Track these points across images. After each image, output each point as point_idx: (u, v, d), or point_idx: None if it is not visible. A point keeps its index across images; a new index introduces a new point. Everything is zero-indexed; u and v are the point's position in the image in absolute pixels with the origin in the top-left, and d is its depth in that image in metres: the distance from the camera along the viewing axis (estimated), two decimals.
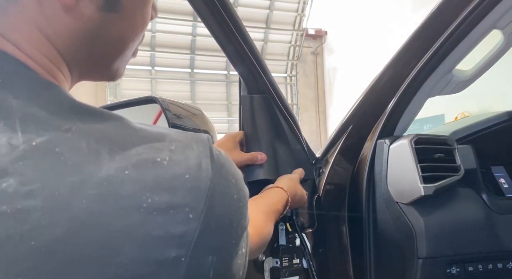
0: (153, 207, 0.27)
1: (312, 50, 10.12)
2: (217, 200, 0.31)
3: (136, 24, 0.41)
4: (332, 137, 0.99)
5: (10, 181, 0.25)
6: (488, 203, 0.83)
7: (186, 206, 0.29)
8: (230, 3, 0.72)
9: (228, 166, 0.34)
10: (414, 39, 0.85)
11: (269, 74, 0.84)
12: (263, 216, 0.67)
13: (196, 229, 0.29)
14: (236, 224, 0.33)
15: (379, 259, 0.86)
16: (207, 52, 8.54)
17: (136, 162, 0.29)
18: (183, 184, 0.29)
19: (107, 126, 0.31)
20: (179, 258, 0.28)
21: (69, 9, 0.34)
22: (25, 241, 0.24)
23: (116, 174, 0.27)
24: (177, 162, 0.30)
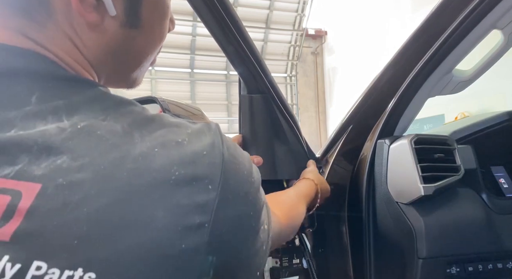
0: (180, 179, 0.31)
1: (312, 50, 10.12)
2: (230, 174, 0.34)
3: (155, 38, 0.45)
4: (332, 138, 0.99)
5: (63, 158, 0.29)
6: (488, 203, 0.83)
7: (206, 178, 0.33)
8: (229, 3, 0.72)
9: (234, 147, 0.38)
10: (414, 39, 0.85)
11: (269, 74, 0.84)
12: (291, 199, 0.72)
13: (215, 198, 0.32)
14: (252, 198, 0.37)
15: (379, 259, 0.86)
16: (207, 52, 8.54)
17: (162, 141, 0.33)
18: (202, 159, 0.33)
19: (134, 113, 0.36)
20: (203, 224, 0.31)
21: (94, 26, 0.38)
22: (79, 208, 0.28)
23: (148, 151, 0.32)
24: (195, 141, 0.35)
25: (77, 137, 0.31)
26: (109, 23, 0.39)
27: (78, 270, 0.27)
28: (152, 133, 0.34)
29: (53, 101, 0.33)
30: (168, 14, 0.46)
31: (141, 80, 0.49)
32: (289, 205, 0.69)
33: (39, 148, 0.29)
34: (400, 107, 0.90)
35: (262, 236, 0.39)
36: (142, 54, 0.45)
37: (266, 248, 0.41)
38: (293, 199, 0.72)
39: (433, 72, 0.85)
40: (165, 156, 0.32)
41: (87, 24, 0.38)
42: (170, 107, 0.81)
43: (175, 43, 8.58)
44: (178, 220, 0.30)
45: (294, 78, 9.91)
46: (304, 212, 0.71)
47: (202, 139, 0.35)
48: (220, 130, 0.38)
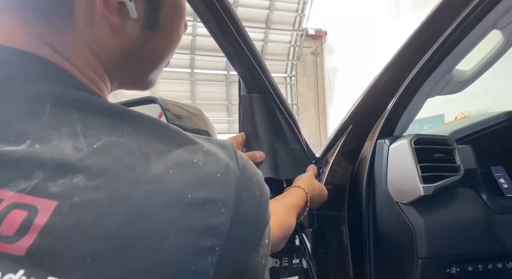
0: (193, 202, 0.31)
1: (312, 50, 10.12)
2: (243, 197, 0.35)
3: (172, 40, 0.45)
4: (332, 138, 0.99)
5: (80, 177, 0.29)
6: (487, 203, 0.83)
7: (219, 201, 0.33)
8: (229, 3, 0.72)
9: (250, 166, 0.38)
10: (414, 39, 0.85)
11: (269, 74, 0.84)
12: (283, 210, 0.73)
13: (227, 222, 0.32)
14: (259, 219, 0.37)
15: (379, 259, 0.86)
16: (207, 52, 8.54)
17: (177, 162, 0.33)
18: (216, 182, 0.33)
19: (149, 128, 0.36)
20: (214, 247, 0.31)
21: (115, 28, 0.39)
22: (93, 227, 0.28)
23: (163, 173, 0.32)
24: (210, 162, 0.35)
25: (94, 157, 0.31)
26: (130, 26, 0.39)
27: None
28: (168, 153, 0.34)
29: (67, 113, 0.33)
30: (184, 17, 0.46)
31: (155, 82, 0.49)
32: (280, 216, 0.70)
33: (55, 164, 0.30)
34: (400, 107, 0.90)
35: (262, 251, 0.39)
36: (160, 56, 0.45)
37: (265, 262, 0.41)
38: (285, 210, 0.73)
39: (433, 72, 0.85)
40: (179, 177, 0.32)
41: (109, 27, 0.38)
42: (170, 107, 0.81)
43: None
44: (190, 243, 0.30)
45: (294, 78, 9.91)
46: (294, 223, 0.73)
47: (218, 160, 0.35)
48: (235, 150, 0.38)
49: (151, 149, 0.34)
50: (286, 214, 0.73)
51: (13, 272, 0.26)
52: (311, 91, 10.04)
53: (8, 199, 0.28)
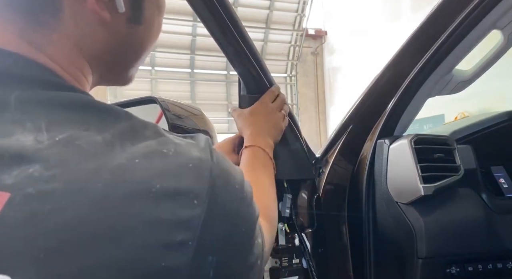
0: (161, 193, 0.29)
1: (312, 50, 10.11)
2: (219, 190, 0.33)
3: (154, 32, 0.46)
4: (332, 137, 0.99)
5: (35, 167, 0.28)
6: (488, 203, 0.83)
7: (191, 193, 0.31)
8: (229, 3, 0.72)
9: (226, 161, 0.37)
10: (414, 39, 0.85)
11: (269, 74, 0.84)
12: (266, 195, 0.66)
13: (201, 214, 0.31)
14: (243, 214, 0.35)
15: (379, 259, 0.86)
16: (207, 52, 8.53)
17: (145, 152, 0.31)
18: (187, 172, 0.32)
19: (120, 124, 0.34)
20: (186, 241, 0.30)
21: (103, 23, 0.38)
22: (48, 219, 0.26)
23: (128, 163, 0.30)
24: (181, 153, 0.33)
25: (53, 148, 0.29)
26: (117, 20, 0.39)
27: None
28: (136, 144, 0.32)
29: (34, 109, 0.32)
30: (164, 9, 0.47)
31: (134, 77, 0.49)
32: (266, 203, 0.63)
33: (11, 156, 0.28)
34: (400, 107, 0.90)
35: (256, 251, 0.38)
36: (141, 50, 0.45)
37: (261, 262, 0.40)
38: (268, 194, 0.66)
39: (433, 72, 0.85)
40: (146, 167, 0.30)
41: (98, 22, 0.38)
42: (170, 107, 0.81)
43: (175, 43, 8.58)
44: (158, 237, 0.28)
45: (294, 78, 9.91)
46: (276, 208, 0.66)
47: (189, 151, 0.34)
48: (210, 144, 0.37)
49: (117, 139, 0.32)
50: (271, 198, 0.66)
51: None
52: (311, 91, 10.03)
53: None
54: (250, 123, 0.76)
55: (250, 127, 0.75)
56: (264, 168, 0.70)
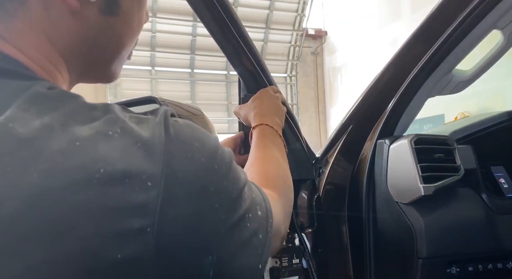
0: (107, 177, 0.27)
1: (312, 50, 10.11)
2: (178, 165, 0.30)
3: (133, 26, 0.43)
4: (332, 137, 0.99)
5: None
6: (488, 203, 0.83)
7: (143, 174, 0.28)
8: (229, 3, 0.72)
9: (189, 132, 0.33)
10: (414, 39, 0.85)
11: (269, 74, 0.84)
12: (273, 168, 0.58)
13: (158, 196, 0.28)
14: (215, 188, 0.32)
15: (379, 259, 0.86)
16: (207, 52, 8.53)
17: (88, 134, 0.28)
18: (136, 152, 0.28)
19: (64, 107, 0.30)
20: (144, 228, 0.27)
21: (73, 12, 0.36)
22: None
23: (68, 146, 0.27)
24: (129, 132, 0.30)
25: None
26: (88, 10, 0.37)
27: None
28: (79, 126, 0.29)
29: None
30: (145, 3, 0.45)
31: (119, 73, 0.46)
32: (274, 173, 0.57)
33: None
34: (400, 107, 0.90)
35: (251, 225, 0.35)
36: (121, 44, 0.43)
37: (264, 236, 0.36)
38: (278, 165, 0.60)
39: (433, 72, 0.85)
40: (88, 150, 0.27)
41: (65, 11, 0.36)
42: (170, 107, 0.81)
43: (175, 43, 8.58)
44: (109, 226, 0.26)
45: (294, 78, 9.90)
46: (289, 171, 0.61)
47: (141, 127, 0.30)
48: (167, 115, 0.33)
49: (56, 121, 0.28)
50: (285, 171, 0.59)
51: None
52: (311, 91, 10.03)
53: None
54: (254, 107, 0.73)
55: (254, 110, 0.72)
56: (273, 143, 0.65)
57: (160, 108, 0.34)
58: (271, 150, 0.62)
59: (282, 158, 0.62)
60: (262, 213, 0.38)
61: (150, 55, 8.53)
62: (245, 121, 0.76)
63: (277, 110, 0.74)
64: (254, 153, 0.62)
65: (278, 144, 0.66)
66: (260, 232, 0.36)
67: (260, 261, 0.36)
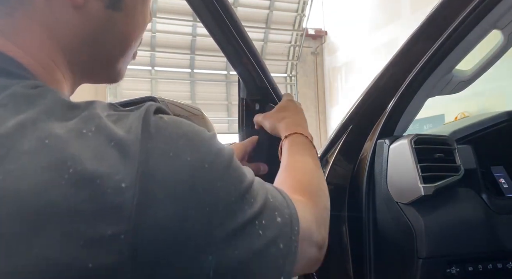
0: (76, 178, 0.25)
1: (312, 50, 10.11)
2: (157, 164, 0.27)
3: (138, 22, 0.42)
4: (332, 137, 0.99)
5: None
6: (488, 203, 0.83)
7: (116, 174, 0.25)
8: (228, 3, 0.72)
9: (173, 128, 0.30)
10: (414, 39, 0.85)
11: (269, 74, 0.84)
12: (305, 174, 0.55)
13: (133, 198, 0.25)
14: (204, 190, 0.28)
15: (379, 259, 0.86)
16: (207, 52, 8.53)
17: (60, 132, 0.26)
18: (108, 151, 0.26)
19: (43, 103, 0.29)
20: (118, 235, 0.24)
21: (76, 7, 0.35)
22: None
23: (36, 145, 0.25)
24: (103, 130, 0.28)
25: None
26: (91, 4, 0.37)
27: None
28: (53, 123, 0.27)
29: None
30: (150, 1, 0.44)
31: (124, 74, 0.45)
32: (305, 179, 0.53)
33: None
34: (400, 107, 0.90)
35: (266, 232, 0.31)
36: (126, 40, 0.42)
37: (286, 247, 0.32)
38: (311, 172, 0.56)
39: (433, 72, 0.85)
40: (57, 149, 0.25)
41: (69, 5, 0.35)
42: (170, 107, 0.81)
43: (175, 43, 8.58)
44: (78, 232, 0.24)
45: (294, 78, 9.91)
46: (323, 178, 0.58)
47: (117, 126, 0.28)
48: (148, 111, 0.30)
49: (29, 119, 0.27)
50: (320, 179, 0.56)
51: None
52: (311, 91, 10.03)
53: None
54: (283, 117, 0.70)
55: (283, 120, 0.69)
56: (306, 151, 0.62)
57: (145, 104, 0.32)
58: (304, 157, 0.59)
59: (316, 166, 0.59)
60: (284, 220, 0.34)
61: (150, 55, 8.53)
62: (271, 130, 0.73)
63: (305, 120, 0.73)
64: (287, 159, 0.59)
65: (312, 152, 0.63)
66: (281, 240, 0.33)
67: (281, 272, 0.33)
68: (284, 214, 0.35)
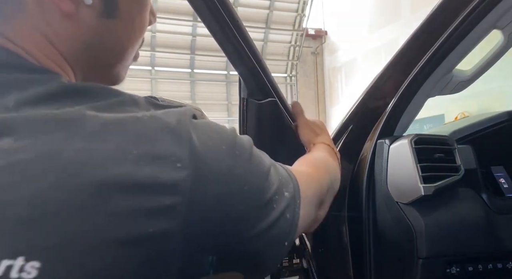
0: (139, 157, 0.28)
1: (312, 50, 10.11)
2: (204, 151, 0.32)
3: (134, 29, 0.43)
4: (332, 137, 0.99)
5: (6, 139, 0.27)
6: (488, 203, 0.83)
7: (172, 156, 0.30)
8: (229, 3, 0.72)
9: (206, 125, 0.35)
10: (414, 39, 0.85)
11: (269, 74, 0.84)
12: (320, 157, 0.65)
13: (187, 176, 0.30)
14: (239, 171, 0.34)
15: (379, 259, 0.86)
16: (207, 52, 8.54)
17: (118, 118, 0.30)
18: (165, 135, 0.31)
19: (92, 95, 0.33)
20: (174, 206, 0.29)
21: (69, 16, 0.36)
22: (17, 190, 0.25)
23: (100, 129, 0.29)
24: (157, 118, 0.32)
25: (23, 121, 0.28)
26: (85, 13, 0.37)
27: (18, 259, 0.24)
28: (109, 112, 0.31)
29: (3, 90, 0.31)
30: (148, 5, 0.44)
31: (124, 76, 0.46)
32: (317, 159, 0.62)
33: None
34: (400, 107, 0.90)
35: (280, 206, 0.37)
36: (122, 47, 0.43)
37: (293, 215, 0.39)
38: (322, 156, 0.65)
39: (433, 72, 0.85)
40: (120, 133, 0.29)
41: (61, 14, 0.36)
42: None
43: (175, 43, 8.58)
44: (140, 202, 0.27)
45: (294, 78, 9.91)
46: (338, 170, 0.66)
47: (167, 116, 0.32)
48: (190, 113, 0.35)
49: (88, 110, 0.30)
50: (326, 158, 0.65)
51: None
52: (311, 91, 10.04)
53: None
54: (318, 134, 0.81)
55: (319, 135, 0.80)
56: (327, 152, 0.71)
57: (185, 107, 0.36)
58: (325, 154, 0.68)
59: (333, 159, 0.67)
60: (289, 193, 0.40)
61: (150, 55, 8.54)
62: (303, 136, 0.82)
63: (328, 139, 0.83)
64: (308, 154, 0.68)
65: (333, 155, 0.71)
66: (287, 212, 0.38)
67: (286, 239, 0.38)
68: (289, 188, 0.41)
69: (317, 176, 0.54)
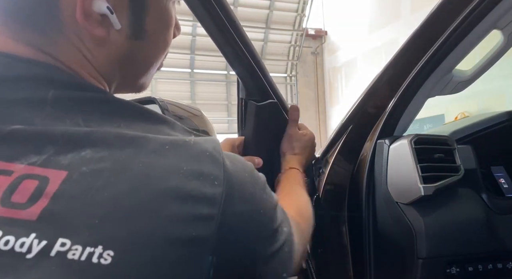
0: (189, 173, 0.34)
1: (312, 50, 10.11)
2: (232, 174, 0.38)
3: (159, 47, 0.48)
4: (332, 137, 0.99)
5: (87, 151, 0.33)
6: (488, 203, 0.83)
7: (211, 175, 0.36)
8: (227, 4, 0.72)
9: (234, 154, 0.42)
10: (414, 39, 0.85)
11: (268, 75, 0.84)
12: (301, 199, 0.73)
13: (222, 193, 0.35)
14: (258, 197, 0.40)
15: (379, 259, 0.86)
16: (207, 52, 8.53)
17: (172, 140, 0.37)
18: (206, 158, 0.37)
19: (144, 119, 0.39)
20: (212, 215, 0.34)
21: (101, 40, 0.41)
22: (100, 192, 0.31)
23: (160, 148, 0.35)
24: (199, 143, 0.38)
25: (97, 135, 0.34)
26: (115, 36, 0.41)
27: (98, 247, 0.29)
28: (164, 134, 0.38)
29: (69, 108, 0.36)
30: (172, 23, 0.48)
31: (148, 84, 0.52)
32: (300, 204, 0.70)
33: (64, 141, 0.33)
34: (400, 107, 0.90)
35: (282, 238, 0.42)
36: (149, 62, 0.48)
37: (289, 250, 0.43)
38: (302, 199, 0.73)
39: (433, 72, 0.85)
40: (175, 152, 0.35)
41: (94, 38, 0.40)
42: (170, 107, 0.81)
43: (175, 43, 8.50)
44: (189, 210, 0.33)
45: (294, 78, 9.91)
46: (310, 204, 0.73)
47: (206, 143, 0.39)
48: (219, 143, 0.41)
49: (146, 131, 0.37)
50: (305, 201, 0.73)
51: (25, 236, 0.28)
52: (311, 91, 10.03)
53: (18, 170, 0.31)
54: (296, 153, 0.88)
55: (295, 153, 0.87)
56: (300, 184, 0.80)
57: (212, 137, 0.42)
58: (300, 187, 0.78)
59: (303, 192, 0.77)
60: (288, 229, 0.45)
61: None
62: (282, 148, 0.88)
63: (311, 157, 0.94)
64: (287, 188, 0.77)
65: (304, 184, 0.82)
66: (286, 245, 0.43)
67: (285, 271, 0.43)
68: (288, 225, 0.46)
69: (303, 227, 0.61)
